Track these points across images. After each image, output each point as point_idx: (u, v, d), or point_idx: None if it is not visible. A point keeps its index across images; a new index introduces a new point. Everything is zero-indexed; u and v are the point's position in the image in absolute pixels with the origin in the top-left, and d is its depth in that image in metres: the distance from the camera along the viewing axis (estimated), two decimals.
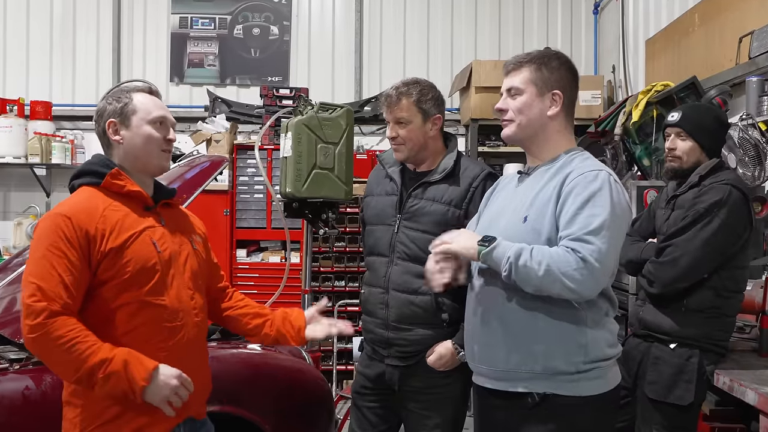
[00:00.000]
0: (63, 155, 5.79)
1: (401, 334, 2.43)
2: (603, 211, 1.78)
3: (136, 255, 1.86)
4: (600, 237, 1.75)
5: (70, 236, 1.79)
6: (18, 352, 2.38)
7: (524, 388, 1.86)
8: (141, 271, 1.86)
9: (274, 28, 6.31)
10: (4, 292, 2.70)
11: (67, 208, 1.84)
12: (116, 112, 1.93)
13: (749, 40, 3.46)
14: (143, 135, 1.93)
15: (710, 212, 2.45)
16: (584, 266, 1.73)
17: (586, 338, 1.83)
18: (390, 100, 2.47)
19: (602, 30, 6.23)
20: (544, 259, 1.76)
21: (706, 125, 2.61)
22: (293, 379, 2.73)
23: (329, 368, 4.88)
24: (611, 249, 1.78)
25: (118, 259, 1.84)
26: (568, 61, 1.97)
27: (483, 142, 5.71)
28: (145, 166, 1.96)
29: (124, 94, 1.97)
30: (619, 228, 1.83)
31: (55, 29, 6.27)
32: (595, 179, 1.82)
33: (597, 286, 1.79)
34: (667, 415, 2.49)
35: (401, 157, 2.50)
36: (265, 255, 5.47)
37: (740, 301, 2.59)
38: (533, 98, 1.92)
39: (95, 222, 1.83)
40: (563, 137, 1.96)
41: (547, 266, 1.75)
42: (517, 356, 1.86)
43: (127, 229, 1.86)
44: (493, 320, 1.91)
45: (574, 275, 1.73)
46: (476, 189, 2.43)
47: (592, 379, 1.84)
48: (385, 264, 2.48)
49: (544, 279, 1.76)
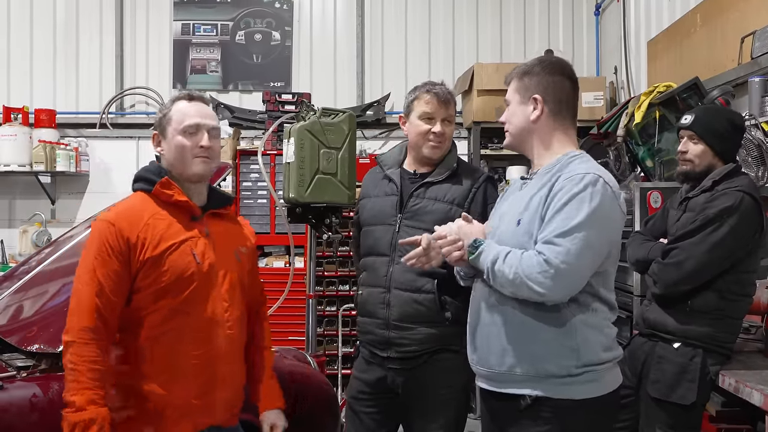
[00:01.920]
0: (67, 163, 5.81)
1: (403, 333, 2.44)
2: (579, 213, 1.77)
3: (174, 265, 1.90)
4: (570, 239, 1.75)
5: (113, 243, 1.86)
6: (25, 360, 2.39)
7: (517, 390, 1.86)
8: (177, 281, 1.90)
9: (276, 34, 6.33)
10: (11, 300, 2.72)
11: (113, 214, 1.92)
12: (158, 124, 2.02)
13: (751, 40, 3.45)
14: (175, 145, 1.98)
15: (720, 218, 2.44)
16: (548, 268, 1.74)
17: (577, 342, 1.83)
18: (446, 97, 2.53)
19: (604, 31, 6.23)
20: (514, 263, 1.80)
21: (718, 129, 2.60)
22: (299, 384, 2.74)
23: (334, 372, 4.89)
24: (583, 251, 1.76)
25: (155, 268, 1.89)
26: (552, 65, 1.98)
27: (485, 144, 5.72)
28: (183, 175, 2.00)
29: (167, 104, 2.03)
30: (600, 229, 1.79)
31: (59, 37, 6.30)
32: (580, 182, 1.81)
33: (564, 289, 1.78)
34: (670, 415, 2.49)
35: (438, 155, 2.54)
36: (269, 260, 5.48)
37: (748, 304, 2.58)
38: (516, 107, 1.99)
39: (137, 230, 1.89)
40: (558, 140, 1.96)
41: (515, 270, 1.79)
42: (511, 359, 1.87)
43: (167, 239, 1.91)
44: (488, 322, 1.93)
45: (538, 278, 1.75)
46: (478, 189, 2.49)
47: (585, 383, 1.84)
48: (386, 263, 2.49)
49: (514, 282, 1.79)
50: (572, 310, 1.83)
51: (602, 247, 1.82)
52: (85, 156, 6.07)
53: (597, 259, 1.82)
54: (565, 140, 1.97)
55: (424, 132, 2.50)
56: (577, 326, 1.83)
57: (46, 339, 2.32)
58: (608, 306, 1.90)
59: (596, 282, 1.85)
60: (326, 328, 5.14)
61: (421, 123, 2.51)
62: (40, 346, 2.31)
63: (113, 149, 6.13)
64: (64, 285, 2.65)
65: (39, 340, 2.34)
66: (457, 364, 2.41)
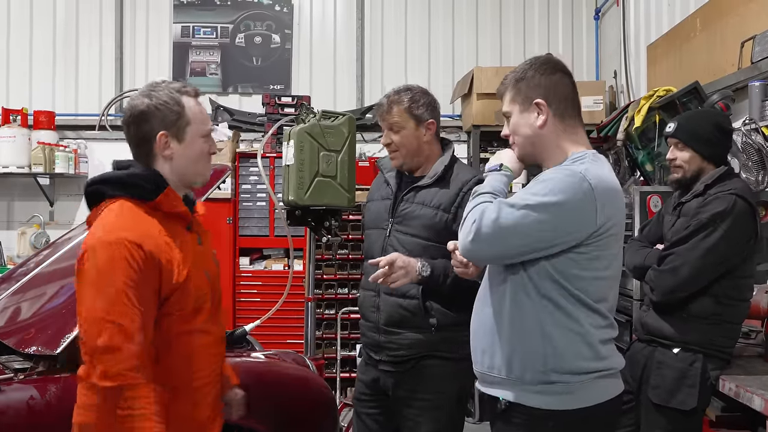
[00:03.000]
0: (66, 164, 5.80)
1: (391, 338, 2.44)
2: (534, 196, 1.72)
3: (196, 286, 1.74)
4: (510, 211, 1.71)
5: (142, 266, 1.62)
6: (22, 362, 2.38)
7: (494, 392, 1.84)
8: (200, 300, 1.76)
9: (276, 37, 6.33)
10: (8, 301, 2.71)
11: (129, 232, 1.63)
12: (169, 123, 1.73)
13: (751, 44, 3.46)
14: (197, 151, 1.78)
15: (713, 222, 2.44)
16: (477, 228, 1.73)
17: (549, 349, 1.75)
18: (382, 108, 2.54)
19: (603, 35, 6.24)
20: (472, 211, 1.80)
21: (701, 133, 2.60)
22: (297, 387, 2.73)
23: (333, 376, 4.88)
24: (515, 228, 1.70)
25: (184, 292, 1.71)
26: (545, 65, 1.88)
27: (485, 148, 5.72)
28: (190, 182, 1.83)
29: (174, 99, 1.74)
30: (550, 220, 1.70)
31: (58, 39, 6.30)
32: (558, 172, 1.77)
33: (476, 252, 1.77)
34: (671, 420, 2.48)
35: (397, 164, 2.54)
36: (268, 263, 5.47)
37: (746, 308, 2.58)
38: (518, 116, 1.89)
39: (163, 252, 1.67)
40: (568, 141, 1.87)
41: (471, 212, 1.80)
42: (488, 359, 1.86)
43: (186, 261, 1.72)
44: (477, 321, 1.93)
45: (466, 228, 1.77)
46: (466, 194, 2.42)
47: (557, 394, 1.75)
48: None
49: (462, 229, 1.80)
50: (548, 315, 1.76)
51: (543, 234, 1.72)
52: (84, 158, 6.06)
53: (532, 243, 1.73)
54: (572, 141, 1.87)
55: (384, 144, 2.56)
56: (551, 333, 1.75)
57: (43, 341, 2.31)
58: (598, 314, 1.79)
59: (580, 288, 1.75)
60: (325, 331, 5.13)
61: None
62: (38, 348, 2.30)
63: (112, 151, 6.05)
64: (62, 287, 2.64)
65: (37, 342, 2.32)
66: (447, 371, 2.41)
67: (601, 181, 1.76)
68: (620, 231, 1.85)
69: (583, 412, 1.76)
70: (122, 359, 1.56)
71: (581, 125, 1.92)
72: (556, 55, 2.02)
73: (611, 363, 1.82)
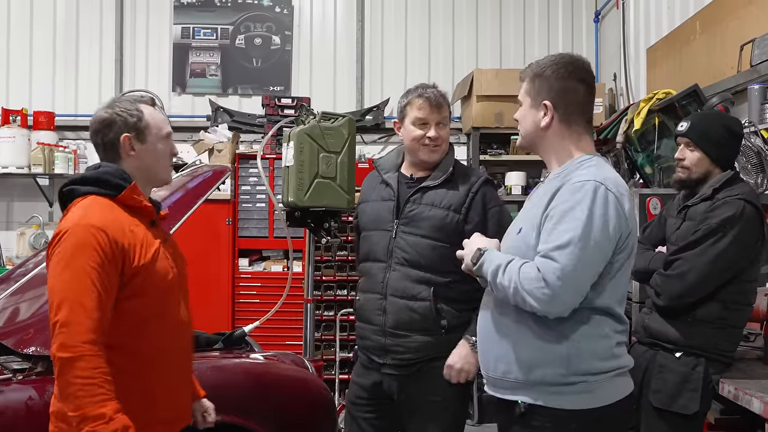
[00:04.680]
0: (66, 165, 5.80)
1: (399, 341, 2.42)
2: (576, 225, 1.73)
3: (161, 271, 1.89)
4: (566, 253, 1.72)
5: (107, 250, 1.78)
6: (21, 363, 2.38)
7: (511, 396, 1.85)
8: (164, 286, 1.90)
9: (276, 38, 6.33)
10: (6, 302, 2.70)
11: (96, 219, 1.80)
12: (131, 126, 1.93)
13: (750, 47, 3.46)
14: (157, 151, 1.97)
15: (722, 228, 2.42)
16: (545, 286, 1.71)
17: (568, 351, 1.78)
18: (438, 101, 2.49)
19: (603, 38, 6.25)
20: (513, 276, 1.77)
21: (713, 135, 2.58)
22: (296, 389, 2.73)
23: (332, 377, 4.88)
24: (579, 265, 1.72)
25: (148, 275, 1.86)
26: (565, 68, 1.89)
27: (485, 150, 5.73)
28: (154, 180, 2.02)
29: (133, 106, 1.95)
30: (598, 241, 1.74)
31: (58, 40, 6.29)
32: (578, 191, 1.76)
33: (562, 304, 1.75)
34: (672, 424, 2.47)
35: (436, 158, 2.51)
36: (268, 264, 5.47)
37: (749, 312, 2.57)
38: (527, 110, 1.93)
39: (126, 237, 1.83)
40: (570, 145, 1.89)
41: (515, 284, 1.76)
42: (504, 365, 1.86)
43: (150, 245, 1.88)
44: (487, 327, 1.92)
45: (536, 294, 1.73)
46: (476, 194, 2.45)
47: (577, 393, 1.79)
48: (382, 269, 2.47)
49: (514, 296, 1.78)
50: (571, 320, 1.79)
51: (601, 258, 1.77)
52: (84, 158, 6.06)
53: (595, 270, 1.78)
54: (577, 146, 1.90)
55: (418, 137, 2.49)
56: (568, 334, 1.79)
57: (42, 342, 2.30)
58: (614, 319, 1.85)
59: (592, 292, 1.79)
60: (324, 333, 5.13)
61: (415, 129, 2.49)
62: (37, 349, 2.30)
63: None
64: None
65: (35, 342, 2.32)
66: None
67: (617, 185, 1.81)
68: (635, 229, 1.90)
69: (602, 410, 1.80)
70: (79, 332, 1.70)
71: (589, 132, 1.94)
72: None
73: (625, 361, 1.88)
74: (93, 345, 1.71)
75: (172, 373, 1.94)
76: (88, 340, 1.70)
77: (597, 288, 1.80)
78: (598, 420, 1.81)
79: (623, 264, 1.83)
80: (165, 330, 1.91)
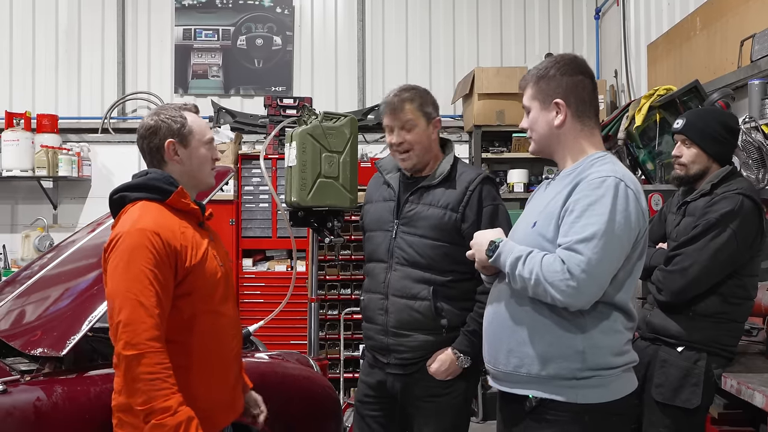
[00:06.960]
0: (69, 168, 5.82)
1: (400, 341, 2.43)
2: (599, 219, 1.75)
3: (210, 270, 1.99)
4: (590, 246, 1.73)
5: (161, 252, 1.87)
6: (29, 364, 2.40)
7: (523, 391, 1.86)
8: (213, 285, 2.01)
9: (277, 39, 6.35)
10: (13, 304, 2.72)
11: (149, 223, 1.90)
12: (175, 132, 2.02)
13: (751, 43, 3.47)
14: (201, 156, 2.06)
15: (722, 222, 2.43)
16: (570, 278, 1.72)
17: (584, 345, 1.80)
18: (394, 105, 2.48)
19: (604, 35, 6.25)
20: (534, 268, 1.78)
21: (710, 132, 2.59)
22: (301, 387, 2.74)
23: (336, 376, 4.89)
24: (604, 258, 1.74)
25: (199, 274, 1.95)
26: (568, 65, 1.92)
27: (486, 148, 5.74)
28: (198, 184, 2.10)
29: (177, 113, 2.04)
30: (620, 236, 1.77)
31: (61, 43, 6.32)
32: (600, 186, 1.78)
33: (586, 297, 1.76)
34: (674, 419, 2.49)
35: (409, 165, 2.49)
36: (271, 264, 5.48)
37: (750, 307, 2.58)
38: (538, 113, 1.94)
39: (178, 239, 1.93)
40: (583, 142, 1.92)
41: (536, 276, 1.77)
42: (516, 359, 1.86)
43: (199, 246, 1.98)
44: (498, 321, 1.93)
45: (560, 286, 1.74)
46: (473, 192, 2.43)
47: (592, 387, 1.81)
48: (384, 270, 2.48)
49: (535, 288, 1.78)
50: (585, 314, 1.81)
51: (622, 253, 1.79)
52: (87, 161, 6.08)
53: (616, 264, 1.79)
54: (590, 142, 1.93)
55: (390, 144, 2.50)
56: (584, 329, 1.81)
57: (49, 343, 2.33)
58: (625, 314, 1.86)
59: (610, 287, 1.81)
60: (328, 332, 5.14)
61: (387, 135, 2.52)
62: (44, 350, 2.32)
63: (115, 154, 6.13)
64: (66, 289, 2.66)
65: (42, 344, 2.34)
66: None
67: (634, 182, 1.84)
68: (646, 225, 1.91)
69: (613, 404, 1.83)
70: (142, 330, 1.79)
71: (598, 127, 1.97)
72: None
73: (633, 356, 1.92)
74: (156, 342, 1.81)
75: (221, 366, 2.02)
76: (151, 337, 1.80)
77: (614, 283, 1.81)
78: (609, 413, 1.83)
79: (637, 260, 1.86)
80: (214, 326, 2.00)
